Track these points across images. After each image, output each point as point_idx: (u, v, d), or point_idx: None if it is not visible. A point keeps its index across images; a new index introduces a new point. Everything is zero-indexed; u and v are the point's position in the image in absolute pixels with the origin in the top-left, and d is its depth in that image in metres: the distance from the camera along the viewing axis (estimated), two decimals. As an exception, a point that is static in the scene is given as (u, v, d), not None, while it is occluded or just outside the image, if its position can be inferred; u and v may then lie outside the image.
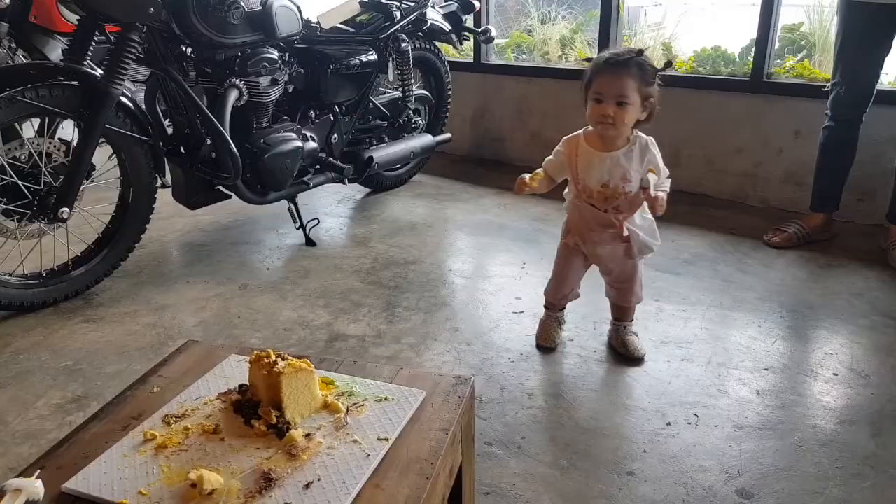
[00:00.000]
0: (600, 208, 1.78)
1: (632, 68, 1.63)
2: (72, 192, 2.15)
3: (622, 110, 1.64)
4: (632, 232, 1.80)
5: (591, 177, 1.75)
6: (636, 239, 1.81)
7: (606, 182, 1.74)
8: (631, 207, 1.78)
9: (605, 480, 1.49)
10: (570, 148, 1.80)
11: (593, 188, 1.76)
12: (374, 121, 3.08)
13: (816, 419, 1.69)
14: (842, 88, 2.56)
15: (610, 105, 1.64)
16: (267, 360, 0.92)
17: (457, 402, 0.96)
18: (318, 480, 0.79)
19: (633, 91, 1.63)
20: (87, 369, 1.91)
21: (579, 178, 1.78)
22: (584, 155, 1.77)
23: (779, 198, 3.13)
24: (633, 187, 1.74)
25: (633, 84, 1.63)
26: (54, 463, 0.84)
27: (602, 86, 1.65)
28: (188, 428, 0.88)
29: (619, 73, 1.62)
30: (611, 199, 1.76)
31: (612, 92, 1.63)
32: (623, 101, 1.63)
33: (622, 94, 1.63)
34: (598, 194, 1.76)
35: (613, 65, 1.64)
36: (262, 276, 2.49)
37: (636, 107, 1.65)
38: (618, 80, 1.62)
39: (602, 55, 1.70)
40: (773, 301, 2.28)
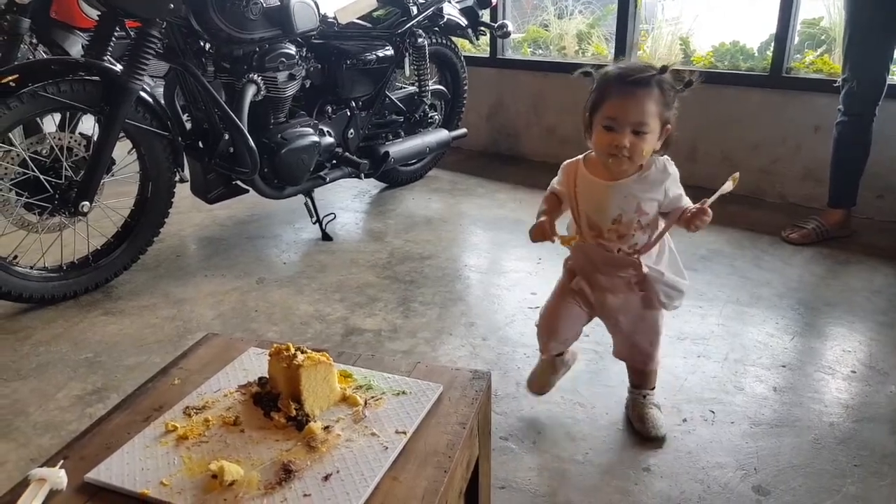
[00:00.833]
0: (612, 249, 1.46)
1: (653, 89, 1.32)
2: (92, 186, 2.18)
3: (640, 140, 1.32)
4: (653, 274, 1.46)
5: (598, 212, 1.44)
6: (660, 281, 1.46)
7: (618, 217, 1.41)
8: (649, 244, 1.45)
9: (621, 476, 1.49)
10: (567, 177, 1.48)
11: (602, 226, 1.44)
12: (390, 116, 3.09)
13: (834, 416, 1.68)
14: (853, 83, 2.53)
15: (625, 134, 1.32)
16: (286, 354, 0.93)
17: (474, 396, 0.97)
18: (337, 472, 0.80)
19: (653, 117, 1.32)
20: (107, 361, 1.93)
21: (582, 214, 1.47)
22: (585, 185, 1.45)
23: (797, 194, 3.10)
24: (652, 219, 1.43)
25: (654, 109, 1.32)
26: (77, 453, 0.86)
27: (616, 110, 1.33)
28: (209, 419, 0.90)
29: (638, 95, 1.31)
30: (626, 238, 1.43)
31: (630, 118, 1.32)
32: (641, 130, 1.32)
33: (641, 122, 1.32)
34: (609, 233, 1.43)
35: (633, 84, 1.32)
36: (278, 271, 2.51)
37: (655, 135, 1.35)
38: (637, 103, 1.31)
39: (613, 70, 1.37)
40: (790, 297, 2.26)
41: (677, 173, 1.44)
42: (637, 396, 1.66)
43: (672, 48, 3.53)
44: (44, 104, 2.03)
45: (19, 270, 2.15)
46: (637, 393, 1.66)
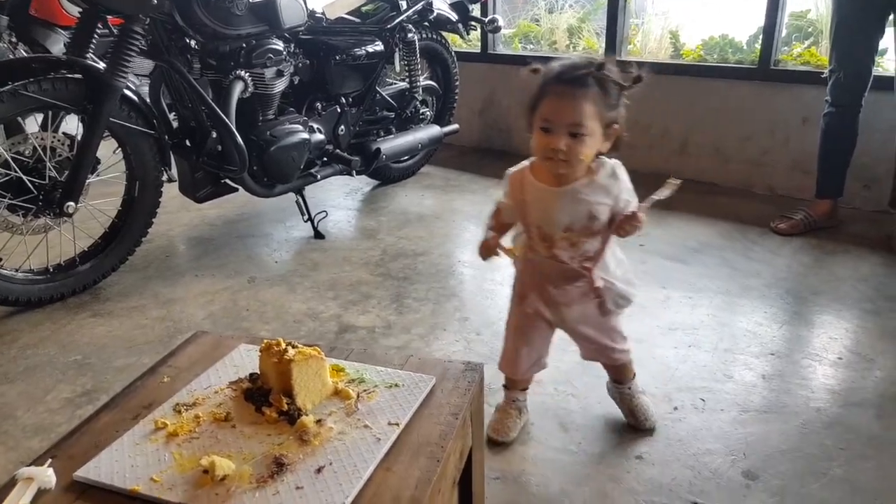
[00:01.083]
0: (565, 259, 1.38)
1: (590, 88, 1.23)
2: (77, 186, 2.15)
3: (577, 143, 1.24)
4: (606, 284, 1.40)
5: (548, 220, 1.35)
6: (611, 291, 1.42)
7: (569, 224, 1.34)
8: (600, 250, 1.39)
9: (614, 464, 1.50)
10: (514, 187, 1.39)
11: (554, 235, 1.36)
12: (380, 112, 3.08)
13: (821, 402, 1.69)
14: (840, 74, 2.55)
15: (561, 136, 1.24)
16: (277, 349, 0.93)
17: (466, 387, 0.97)
18: (330, 465, 0.80)
19: (591, 118, 1.23)
20: (96, 363, 1.92)
21: (532, 224, 1.38)
22: (533, 193, 1.36)
23: (785, 185, 3.12)
24: (604, 223, 1.36)
25: (592, 109, 1.23)
26: (66, 452, 0.85)
27: (551, 110, 1.25)
28: (199, 416, 0.89)
29: (573, 94, 1.23)
30: (578, 246, 1.37)
31: (564, 119, 1.23)
32: (578, 132, 1.23)
33: (577, 123, 1.23)
34: (561, 241, 1.36)
35: (567, 83, 1.24)
36: (270, 269, 2.50)
37: (596, 137, 1.26)
38: (572, 103, 1.23)
39: (553, 67, 1.28)
40: (779, 287, 2.28)
41: (627, 177, 1.36)
42: (622, 390, 1.63)
43: (662, 42, 3.54)
44: (25, 103, 2.00)
45: (4, 273, 2.12)
46: (621, 387, 1.63)
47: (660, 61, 3.51)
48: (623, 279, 1.44)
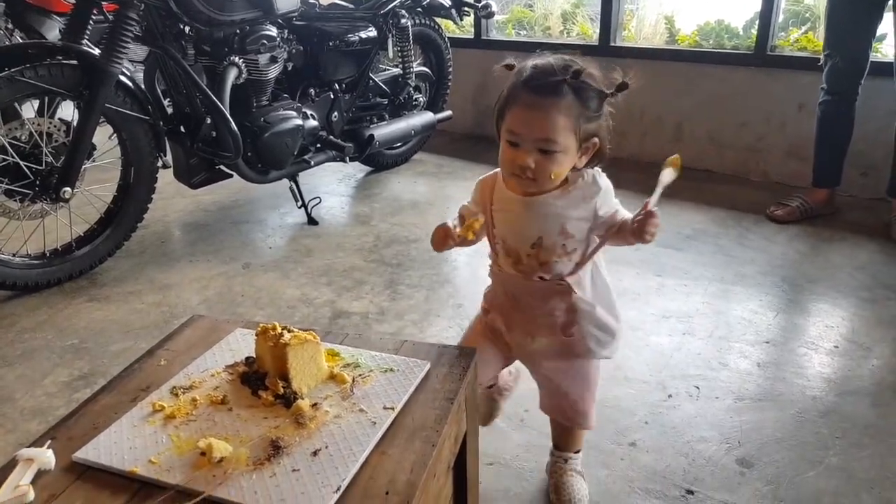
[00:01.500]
0: (531, 278, 1.20)
1: (565, 97, 1.05)
2: (73, 171, 2.15)
3: (547, 160, 1.07)
4: (583, 307, 1.19)
5: (515, 234, 1.18)
6: (591, 317, 1.20)
7: (538, 240, 1.15)
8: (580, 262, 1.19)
9: (607, 451, 1.51)
10: (483, 194, 1.22)
11: (520, 251, 1.18)
12: (374, 98, 3.07)
13: (817, 390, 1.71)
14: (836, 59, 2.54)
15: (529, 152, 1.07)
16: (273, 333, 0.93)
17: (461, 372, 0.97)
18: (326, 448, 0.80)
19: (565, 132, 1.06)
20: (93, 347, 1.92)
21: (498, 237, 1.21)
22: (501, 203, 1.19)
23: (781, 172, 3.12)
24: (580, 243, 1.17)
25: (566, 122, 1.05)
26: (65, 433, 0.85)
27: (519, 123, 1.08)
28: (196, 399, 0.90)
29: (544, 105, 1.05)
30: (547, 266, 1.17)
31: (533, 133, 1.06)
32: (549, 149, 1.06)
33: (548, 138, 1.06)
34: (528, 258, 1.18)
35: (537, 92, 1.06)
36: (264, 255, 2.50)
37: (570, 153, 1.08)
38: (542, 116, 1.05)
39: (525, 68, 1.10)
40: (774, 275, 2.29)
41: (610, 186, 1.18)
42: (557, 460, 1.38)
43: (657, 27, 3.53)
44: (22, 89, 2.00)
45: (2, 258, 2.13)
46: (558, 456, 1.38)
47: (654, 47, 3.50)
48: (606, 307, 1.23)
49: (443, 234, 1.17)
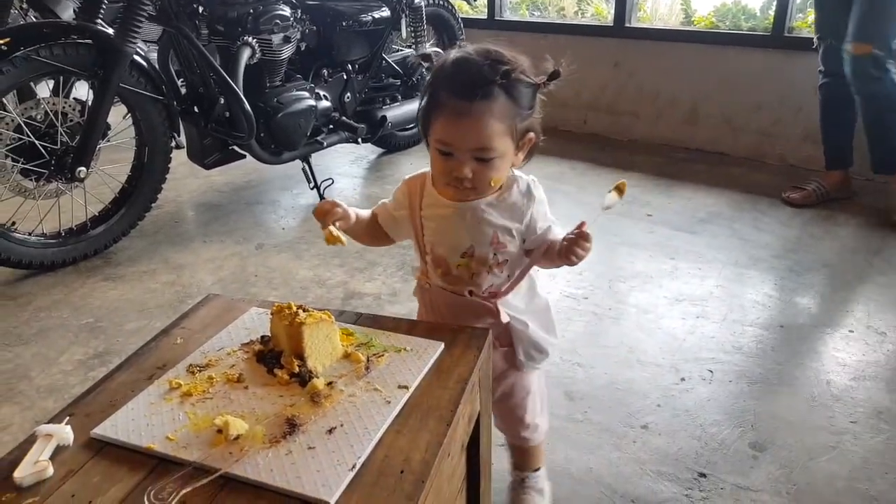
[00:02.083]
0: (460, 292, 1.11)
1: (495, 101, 0.96)
2: (88, 151, 2.16)
3: (485, 168, 1.00)
4: (516, 325, 1.12)
5: (444, 242, 1.09)
6: (523, 336, 1.13)
7: (469, 250, 1.07)
8: (509, 286, 1.11)
9: (619, 433, 1.51)
10: (411, 195, 1.12)
11: (450, 261, 1.09)
12: (386, 79, 3.05)
13: (831, 374, 1.70)
14: (828, 41, 2.50)
15: (465, 162, 0.99)
16: (288, 312, 0.93)
17: (475, 353, 0.97)
18: (341, 426, 0.81)
19: (500, 137, 0.98)
20: (108, 326, 1.94)
21: (427, 245, 1.11)
22: (430, 208, 1.10)
23: (797, 156, 3.09)
24: (513, 253, 1.09)
25: (500, 126, 0.97)
26: (83, 410, 0.86)
27: (449, 133, 0.99)
28: (212, 377, 0.90)
29: (475, 112, 0.96)
30: (478, 277, 1.09)
31: (467, 144, 0.98)
32: (486, 157, 0.99)
33: (483, 147, 0.98)
34: (458, 269, 1.09)
35: (466, 97, 0.96)
36: (277, 236, 2.51)
37: (507, 156, 1.02)
38: (474, 124, 0.96)
39: (446, 66, 1.01)
40: (789, 259, 2.27)
41: (545, 198, 1.10)
42: (515, 479, 1.32)
43: (673, 8, 3.48)
44: (37, 68, 2.00)
45: (18, 237, 2.14)
46: (516, 475, 1.32)
47: (670, 28, 3.46)
48: (541, 321, 1.16)
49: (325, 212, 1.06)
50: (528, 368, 1.18)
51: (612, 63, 3.45)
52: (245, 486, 0.73)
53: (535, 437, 1.26)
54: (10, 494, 0.73)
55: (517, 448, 1.30)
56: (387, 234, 1.18)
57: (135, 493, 0.73)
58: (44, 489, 0.74)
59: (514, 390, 1.19)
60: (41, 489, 0.74)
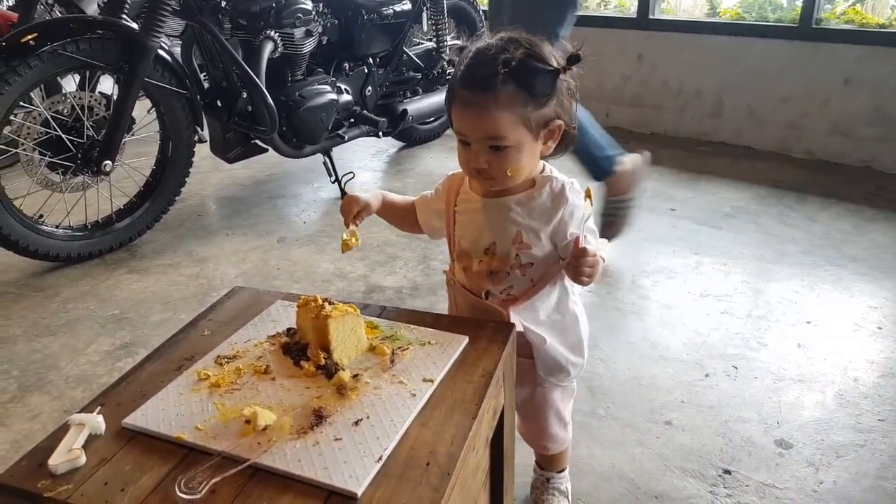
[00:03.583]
0: (477, 292, 1.09)
1: (503, 89, 0.94)
2: (114, 145, 2.19)
3: (501, 158, 0.98)
4: (532, 338, 1.08)
5: (469, 235, 1.08)
6: (540, 351, 1.09)
7: (491, 246, 1.05)
8: (528, 292, 1.07)
9: (642, 429, 1.50)
10: (449, 192, 1.12)
11: (472, 255, 1.07)
12: (407, 73, 3.05)
13: (859, 372, 1.67)
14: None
15: (481, 152, 0.98)
16: (314, 305, 0.94)
17: (500, 347, 0.97)
18: (367, 418, 0.81)
19: (512, 126, 0.96)
20: (134, 318, 1.97)
21: (456, 240, 1.11)
22: (463, 202, 1.10)
23: (824, 150, 3.04)
24: (536, 258, 1.05)
25: (510, 116, 0.95)
26: (114, 400, 0.87)
27: (461, 122, 0.99)
28: (240, 368, 0.91)
29: (481, 102, 0.95)
30: (498, 278, 1.06)
31: (478, 133, 0.98)
32: (499, 146, 0.97)
33: (494, 135, 0.97)
34: (479, 265, 1.07)
35: (471, 88, 0.97)
36: (299, 229, 2.52)
37: (526, 145, 0.98)
38: (482, 114, 0.96)
39: (465, 54, 1.00)
40: (816, 254, 2.24)
41: (580, 203, 1.04)
42: (539, 477, 1.32)
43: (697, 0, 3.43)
44: (63, 63, 2.03)
45: (45, 229, 2.18)
46: (540, 474, 1.32)
47: (695, 20, 3.41)
48: (564, 341, 1.10)
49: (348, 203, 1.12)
50: (549, 384, 1.14)
51: (635, 55, 3.42)
52: (273, 477, 0.74)
53: (555, 448, 1.25)
54: (45, 481, 0.75)
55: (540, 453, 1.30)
56: (417, 223, 1.19)
57: (165, 481, 0.74)
58: (77, 476, 0.75)
59: (535, 401, 1.17)
60: (74, 477, 0.75)
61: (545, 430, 1.20)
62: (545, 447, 1.25)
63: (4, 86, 1.93)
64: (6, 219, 2.05)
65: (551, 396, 1.17)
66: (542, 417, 1.19)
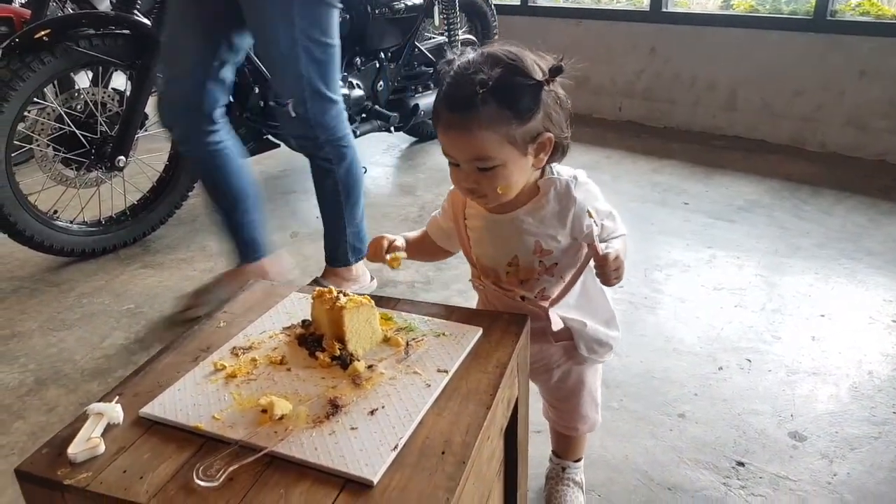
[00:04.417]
0: (513, 297, 1.10)
1: (483, 110, 0.92)
2: (127, 140, 2.20)
3: (489, 177, 0.97)
4: (573, 325, 1.10)
5: (489, 253, 1.10)
6: (582, 334, 1.12)
7: (513, 260, 1.07)
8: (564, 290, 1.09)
9: (655, 422, 1.50)
10: (455, 207, 1.12)
11: (498, 270, 1.09)
12: (419, 67, 3.05)
13: (873, 365, 1.66)
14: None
15: (469, 173, 0.98)
16: (329, 296, 0.94)
17: (513, 338, 0.97)
18: (383, 408, 0.81)
19: (496, 145, 0.94)
20: (149, 312, 1.98)
21: (474, 256, 1.12)
22: (473, 220, 1.10)
23: (839, 143, 3.01)
24: (560, 258, 1.07)
25: (493, 135, 0.93)
26: (131, 390, 0.88)
27: (446, 144, 0.99)
28: (256, 359, 0.92)
29: (463, 125, 0.94)
30: (529, 284, 1.08)
31: (463, 155, 0.97)
32: (485, 167, 0.96)
33: (480, 156, 0.95)
34: (508, 276, 1.09)
35: (452, 109, 0.95)
36: (311, 225, 2.53)
37: (514, 162, 0.96)
38: (464, 136, 0.95)
39: (445, 75, 0.98)
40: (831, 248, 2.22)
41: (593, 192, 1.06)
42: (555, 467, 1.32)
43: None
44: (77, 59, 2.04)
45: (60, 225, 2.20)
46: (556, 463, 1.32)
47: (708, 12, 3.39)
48: (600, 319, 1.14)
49: (376, 249, 1.11)
50: (591, 362, 1.17)
51: (648, 49, 3.40)
52: (290, 465, 0.74)
53: (585, 429, 1.26)
54: (64, 469, 0.76)
55: (563, 437, 1.30)
56: (441, 247, 1.19)
57: (184, 469, 0.75)
58: (96, 465, 0.76)
59: (570, 381, 1.19)
60: (94, 465, 0.76)
61: (577, 410, 1.22)
62: (576, 428, 1.25)
63: (18, 82, 1.95)
64: (21, 214, 2.07)
65: (585, 376, 1.19)
66: (575, 398, 1.20)
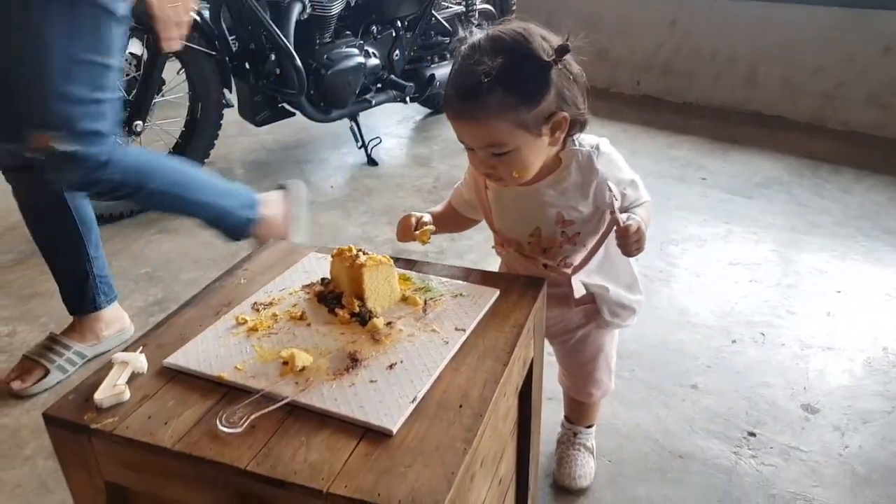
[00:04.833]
0: (536, 265, 1.12)
1: (490, 98, 0.91)
2: (144, 105, 2.20)
3: (504, 162, 0.97)
4: (596, 290, 1.13)
5: (511, 225, 1.11)
6: (605, 299, 1.14)
7: (535, 231, 1.08)
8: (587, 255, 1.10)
9: (668, 392, 1.51)
10: (477, 180, 1.14)
11: (520, 240, 1.11)
12: (435, 37, 3.02)
13: (888, 340, 1.66)
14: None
15: (484, 158, 0.99)
16: (349, 254, 0.95)
17: (530, 300, 0.98)
18: (401, 363, 0.82)
19: (506, 132, 0.94)
20: (165, 276, 2.01)
21: (496, 226, 1.15)
22: (495, 192, 1.11)
23: (860, 120, 2.97)
24: (583, 227, 1.07)
25: (502, 123, 0.93)
26: (154, 342, 0.90)
27: (458, 132, 1.00)
28: (276, 314, 0.93)
29: (470, 114, 0.95)
30: (552, 253, 1.09)
31: (475, 142, 0.98)
32: (499, 152, 0.96)
33: (492, 143, 0.96)
34: (530, 246, 1.10)
35: (461, 98, 0.95)
36: (326, 194, 2.54)
37: (527, 146, 0.96)
38: (474, 125, 0.95)
39: (455, 57, 0.98)
40: (849, 226, 2.20)
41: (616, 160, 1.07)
42: (567, 432, 1.33)
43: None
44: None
45: (79, 188, 2.21)
46: (568, 428, 1.34)
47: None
48: (623, 283, 1.15)
49: (406, 228, 1.13)
50: (613, 327, 1.18)
51: (668, 21, 3.35)
52: (311, 414, 0.76)
53: (598, 394, 1.27)
54: (91, 414, 0.78)
55: (576, 403, 1.31)
56: (468, 217, 1.21)
57: (207, 416, 0.76)
58: (122, 411, 0.78)
59: (588, 345, 1.20)
60: (119, 411, 0.78)
61: (592, 374, 1.23)
62: (590, 393, 1.26)
63: (39, 44, 1.95)
64: (42, 177, 2.08)
65: (604, 341, 1.20)
66: (592, 363, 1.21)
